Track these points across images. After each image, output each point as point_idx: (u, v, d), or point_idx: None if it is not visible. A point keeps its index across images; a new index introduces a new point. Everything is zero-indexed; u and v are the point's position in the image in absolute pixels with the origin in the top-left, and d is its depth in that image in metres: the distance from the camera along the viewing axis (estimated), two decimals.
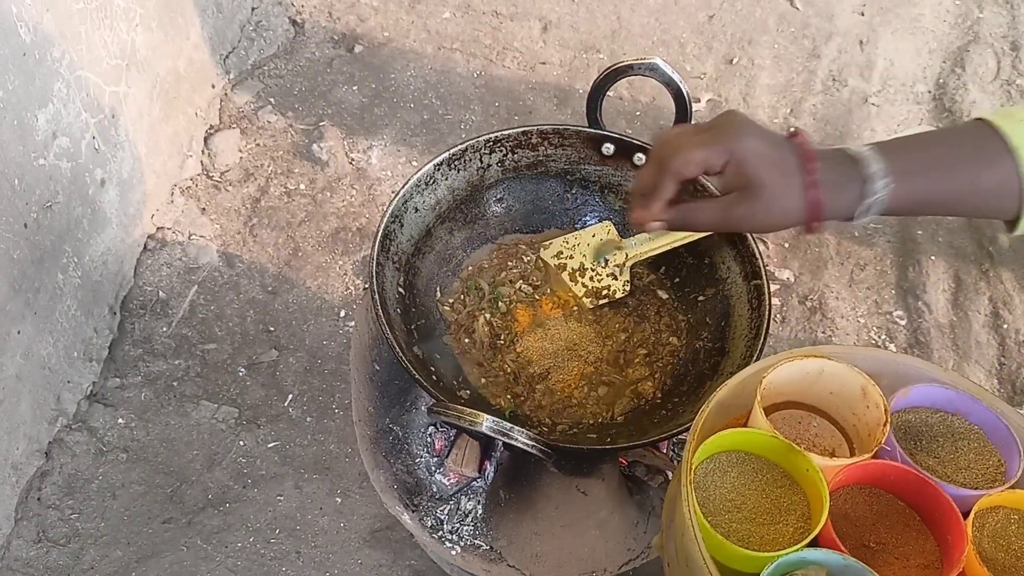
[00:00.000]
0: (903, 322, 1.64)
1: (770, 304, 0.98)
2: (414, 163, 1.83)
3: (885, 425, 0.69)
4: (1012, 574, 0.65)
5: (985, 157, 0.72)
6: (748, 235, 1.03)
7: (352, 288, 1.66)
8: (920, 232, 1.77)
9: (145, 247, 1.67)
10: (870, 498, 0.71)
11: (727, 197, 0.75)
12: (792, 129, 0.77)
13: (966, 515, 0.64)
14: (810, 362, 0.74)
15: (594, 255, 1.11)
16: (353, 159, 1.85)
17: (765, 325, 0.96)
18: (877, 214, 0.74)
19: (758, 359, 0.93)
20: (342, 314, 1.63)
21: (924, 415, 0.75)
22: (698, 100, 1.97)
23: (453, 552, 1.05)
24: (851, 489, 0.72)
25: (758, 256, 1.01)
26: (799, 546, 0.63)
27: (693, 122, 1.04)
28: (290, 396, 1.53)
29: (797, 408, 0.80)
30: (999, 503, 0.68)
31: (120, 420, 1.48)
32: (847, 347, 0.77)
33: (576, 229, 1.16)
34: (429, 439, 1.14)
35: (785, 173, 0.73)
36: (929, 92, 2.02)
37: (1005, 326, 1.62)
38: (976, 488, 0.68)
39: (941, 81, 2.04)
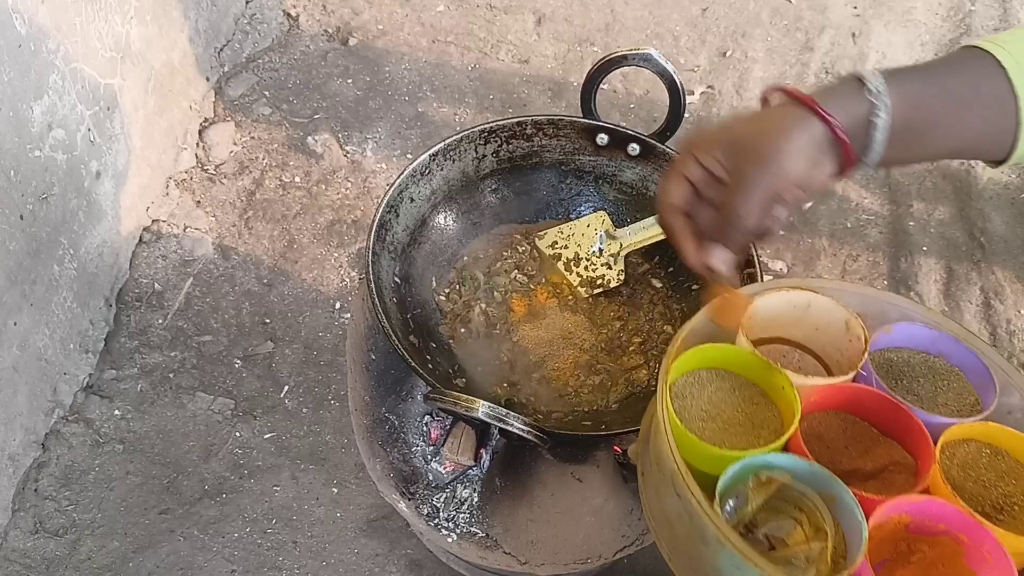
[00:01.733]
0: None
1: None
2: (409, 156, 1.83)
3: (864, 353, 0.69)
4: (979, 503, 0.65)
5: (980, 76, 0.70)
6: None
7: (348, 280, 1.67)
8: (912, 223, 1.78)
9: (140, 239, 1.67)
10: (844, 423, 0.72)
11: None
12: (771, 89, 0.74)
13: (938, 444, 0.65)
14: (797, 294, 0.75)
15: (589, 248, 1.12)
16: (348, 152, 1.85)
17: None
18: (886, 134, 0.71)
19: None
20: (337, 306, 1.63)
21: (906, 355, 0.76)
22: (692, 93, 1.98)
23: (449, 540, 1.06)
24: (826, 414, 0.72)
25: (751, 246, 1.01)
26: (766, 448, 0.64)
27: (687, 115, 1.04)
28: (286, 387, 1.54)
29: (783, 344, 0.80)
30: (971, 435, 0.68)
31: (116, 411, 1.49)
32: (835, 281, 0.77)
33: (571, 219, 1.17)
34: (425, 428, 1.14)
35: (822, 151, 0.69)
36: None
37: (996, 316, 1.63)
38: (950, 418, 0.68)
39: None
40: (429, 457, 1.12)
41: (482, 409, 0.81)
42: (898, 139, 0.71)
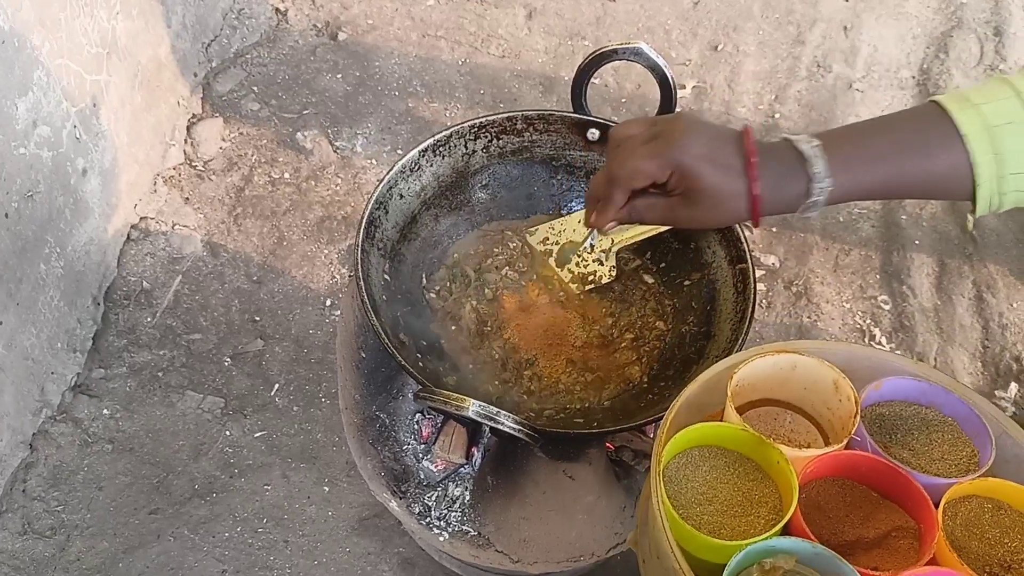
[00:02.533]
0: (888, 307, 1.65)
1: (755, 288, 0.98)
2: (399, 151, 1.82)
3: (855, 416, 0.69)
4: (985, 562, 0.65)
5: (935, 144, 0.72)
6: None
7: (338, 277, 1.66)
8: (904, 217, 1.78)
9: (128, 237, 1.66)
10: (843, 489, 0.71)
11: (673, 199, 0.79)
12: (744, 126, 0.78)
13: (939, 506, 0.65)
14: (782, 357, 0.75)
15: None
16: (338, 147, 1.84)
17: (751, 309, 0.96)
18: (823, 206, 0.76)
19: (743, 343, 0.94)
20: (328, 303, 1.62)
21: (897, 408, 0.75)
22: (683, 87, 1.97)
23: (441, 538, 1.05)
24: (824, 481, 0.72)
25: (743, 240, 1.01)
26: (768, 534, 0.64)
27: (679, 109, 1.05)
28: (276, 386, 1.52)
29: (773, 405, 0.80)
30: (971, 492, 0.68)
31: (105, 411, 1.48)
32: (819, 342, 0.78)
33: (562, 215, 1.16)
34: (416, 426, 1.14)
35: (728, 175, 0.76)
36: (913, 77, 2.02)
37: (988, 309, 1.63)
38: (949, 477, 0.68)
39: (925, 66, 2.04)
40: (420, 455, 1.12)
41: (472, 408, 0.80)
42: (841, 201, 0.77)
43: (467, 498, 1.08)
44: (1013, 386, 1.52)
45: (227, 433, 1.47)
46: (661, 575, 0.67)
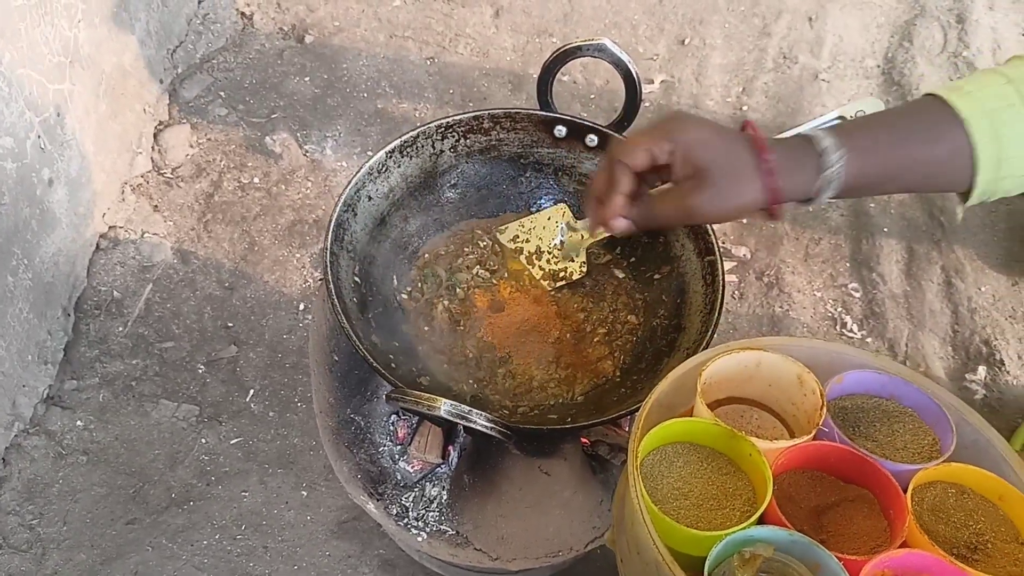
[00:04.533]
0: (858, 294, 1.67)
1: (724, 280, 0.99)
2: (369, 153, 1.81)
3: (822, 408, 0.70)
4: (953, 544, 0.66)
5: (936, 129, 0.74)
6: None
7: (311, 281, 1.65)
8: (873, 205, 1.79)
9: (97, 246, 1.64)
10: (813, 480, 0.73)
11: (684, 186, 0.77)
12: (744, 123, 0.79)
13: (907, 492, 0.66)
14: (747, 354, 0.76)
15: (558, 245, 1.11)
16: (307, 151, 1.83)
17: (720, 301, 0.97)
18: (835, 192, 0.76)
19: (713, 334, 0.95)
20: (301, 307, 1.62)
21: (859, 401, 0.77)
22: (651, 81, 1.98)
23: (420, 539, 1.05)
24: (794, 473, 0.73)
25: (711, 233, 1.02)
26: (745, 524, 0.64)
27: (646, 104, 1.05)
28: (251, 391, 1.52)
29: (739, 403, 0.81)
30: (936, 478, 0.69)
31: (79, 422, 1.46)
32: (782, 338, 0.79)
33: (532, 212, 1.16)
34: (392, 427, 1.14)
35: (738, 159, 0.75)
36: (878, 66, 2.04)
37: (957, 294, 1.65)
38: (913, 464, 0.70)
39: (890, 55, 2.06)
40: (397, 456, 1.12)
41: (444, 407, 0.80)
42: (846, 193, 0.77)
43: (444, 498, 1.08)
44: (982, 369, 1.54)
45: (203, 441, 1.46)
46: (642, 569, 0.67)
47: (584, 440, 1.08)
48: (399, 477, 1.10)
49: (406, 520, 1.06)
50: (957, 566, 0.60)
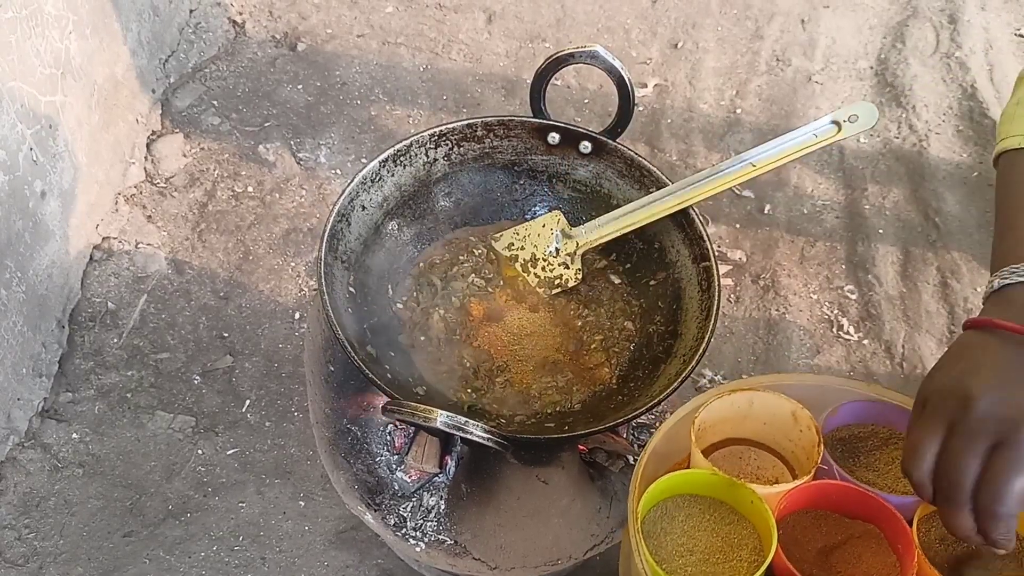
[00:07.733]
0: (854, 296, 1.67)
1: (719, 285, 0.98)
2: (363, 160, 1.81)
3: (819, 445, 0.70)
4: (963, 573, 0.66)
5: None
6: (695, 218, 1.03)
7: (306, 290, 1.65)
8: (867, 207, 1.79)
9: (91, 258, 1.64)
10: (817, 520, 0.72)
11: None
12: (966, 321, 0.68)
13: (912, 523, 0.65)
14: (739, 395, 0.75)
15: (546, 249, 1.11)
16: (301, 159, 1.83)
17: (716, 306, 0.97)
18: None
19: (710, 340, 0.94)
20: (297, 316, 1.61)
21: (856, 430, 0.77)
22: (644, 85, 1.98)
23: (418, 549, 1.05)
24: (798, 514, 0.72)
25: (706, 238, 1.01)
26: None
27: (640, 108, 1.05)
28: (247, 402, 1.51)
29: (736, 444, 0.81)
30: None
31: (74, 435, 1.46)
32: (772, 376, 0.78)
33: (526, 220, 1.16)
34: (389, 437, 1.13)
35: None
36: (871, 68, 2.05)
37: (953, 295, 1.65)
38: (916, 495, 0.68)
39: (882, 57, 2.06)
40: (394, 466, 1.11)
41: (440, 418, 0.80)
42: None
43: (442, 507, 1.07)
44: None
45: (199, 452, 1.45)
46: None
47: (581, 447, 1.08)
48: (396, 487, 1.10)
49: (404, 530, 1.06)
50: None
